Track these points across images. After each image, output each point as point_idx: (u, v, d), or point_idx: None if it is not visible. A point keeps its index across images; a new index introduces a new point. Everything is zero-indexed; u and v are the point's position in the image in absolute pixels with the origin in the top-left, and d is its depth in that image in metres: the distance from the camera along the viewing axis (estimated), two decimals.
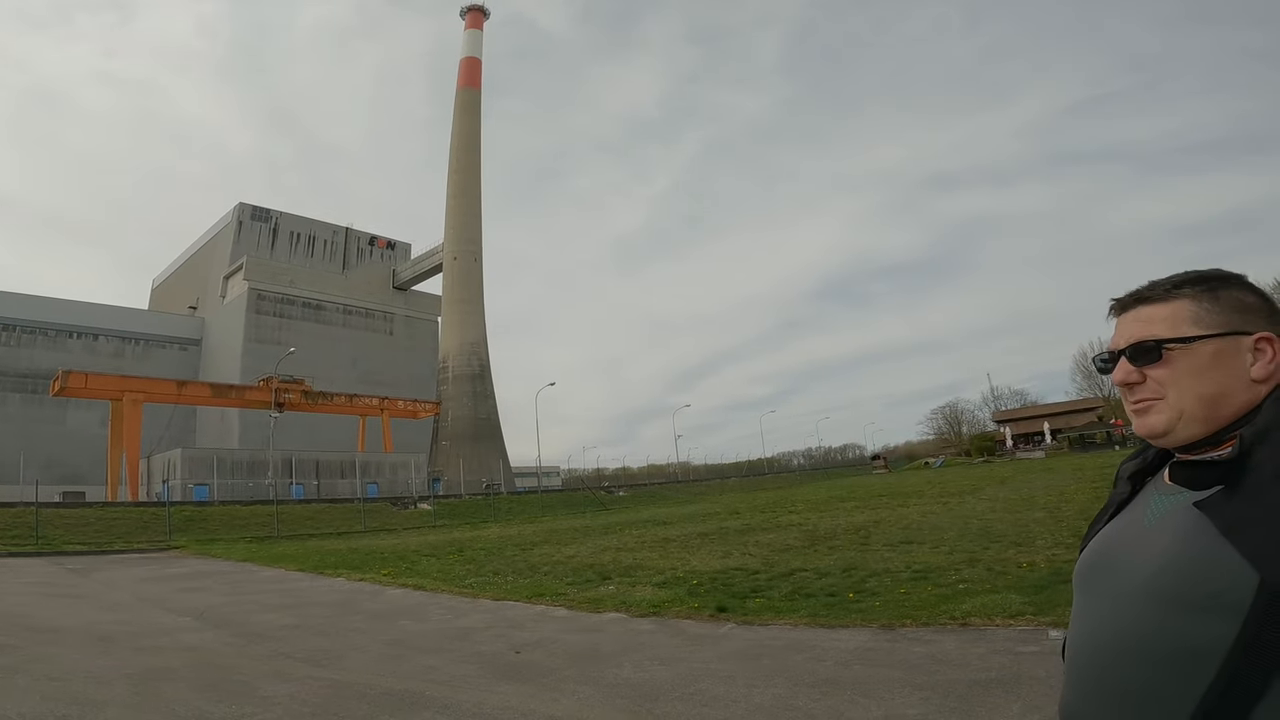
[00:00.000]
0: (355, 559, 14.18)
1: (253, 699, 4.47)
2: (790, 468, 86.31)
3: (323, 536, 23.04)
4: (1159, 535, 0.95)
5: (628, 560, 11.22)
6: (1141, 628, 0.91)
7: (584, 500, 39.90)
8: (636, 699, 4.21)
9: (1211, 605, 0.85)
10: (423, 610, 7.94)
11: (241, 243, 65.12)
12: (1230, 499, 0.88)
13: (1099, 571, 1.01)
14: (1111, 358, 1.04)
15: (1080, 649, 0.99)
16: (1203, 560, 0.87)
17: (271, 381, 42.28)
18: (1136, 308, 1.03)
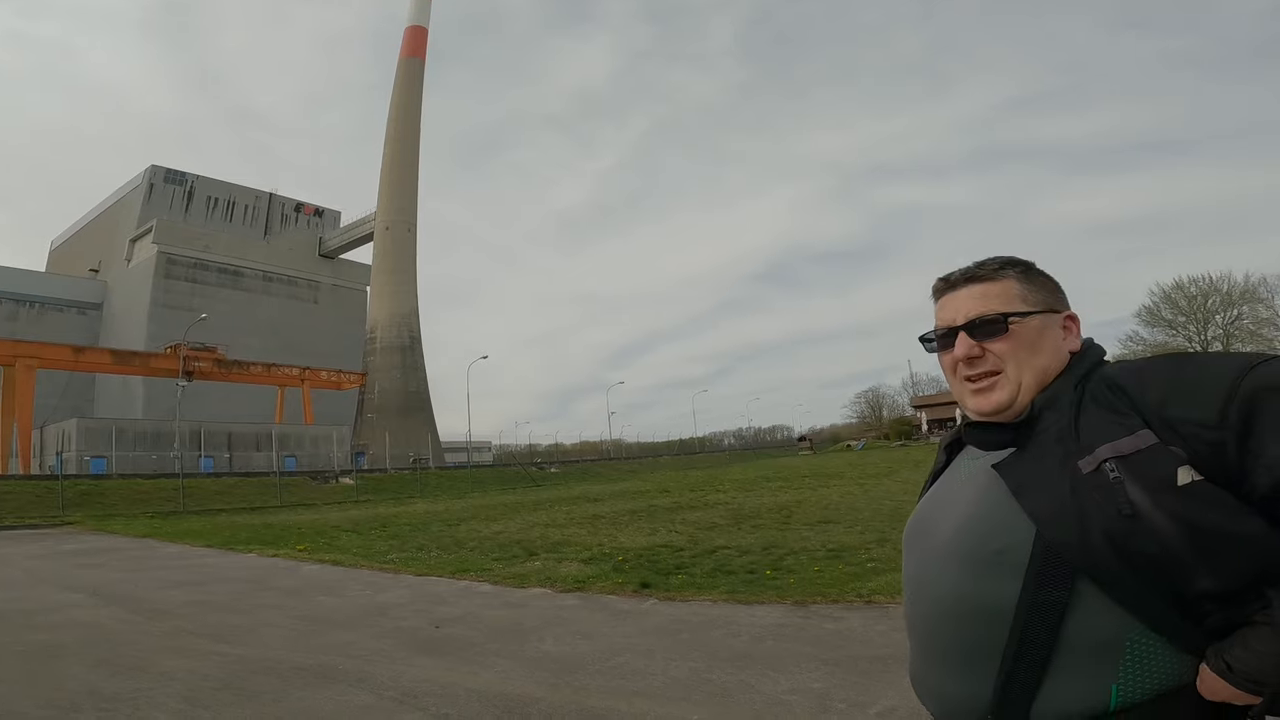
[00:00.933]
0: (269, 535, 13.71)
1: (150, 674, 4.29)
2: (721, 447, 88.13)
3: (234, 512, 22.13)
4: (962, 497, 1.00)
5: (556, 536, 11.24)
6: (949, 588, 0.94)
7: (515, 476, 39.62)
8: (557, 671, 4.24)
9: (999, 563, 0.89)
10: (341, 586, 7.74)
11: (152, 205, 61.59)
12: (1021, 460, 0.94)
13: (917, 536, 1.05)
14: (948, 334, 1.04)
15: (910, 612, 1.04)
16: (993, 519, 0.92)
17: (180, 349, 39.92)
18: (969, 285, 1.04)
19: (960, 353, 1.01)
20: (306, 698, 3.86)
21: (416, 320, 59.67)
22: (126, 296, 60.93)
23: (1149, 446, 0.83)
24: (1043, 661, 0.85)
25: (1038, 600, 0.85)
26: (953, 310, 1.04)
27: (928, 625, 0.98)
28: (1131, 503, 0.81)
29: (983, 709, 0.90)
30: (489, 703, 3.72)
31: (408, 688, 4.02)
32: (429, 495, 29.15)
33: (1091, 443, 0.87)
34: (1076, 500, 0.85)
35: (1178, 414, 0.83)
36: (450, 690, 3.95)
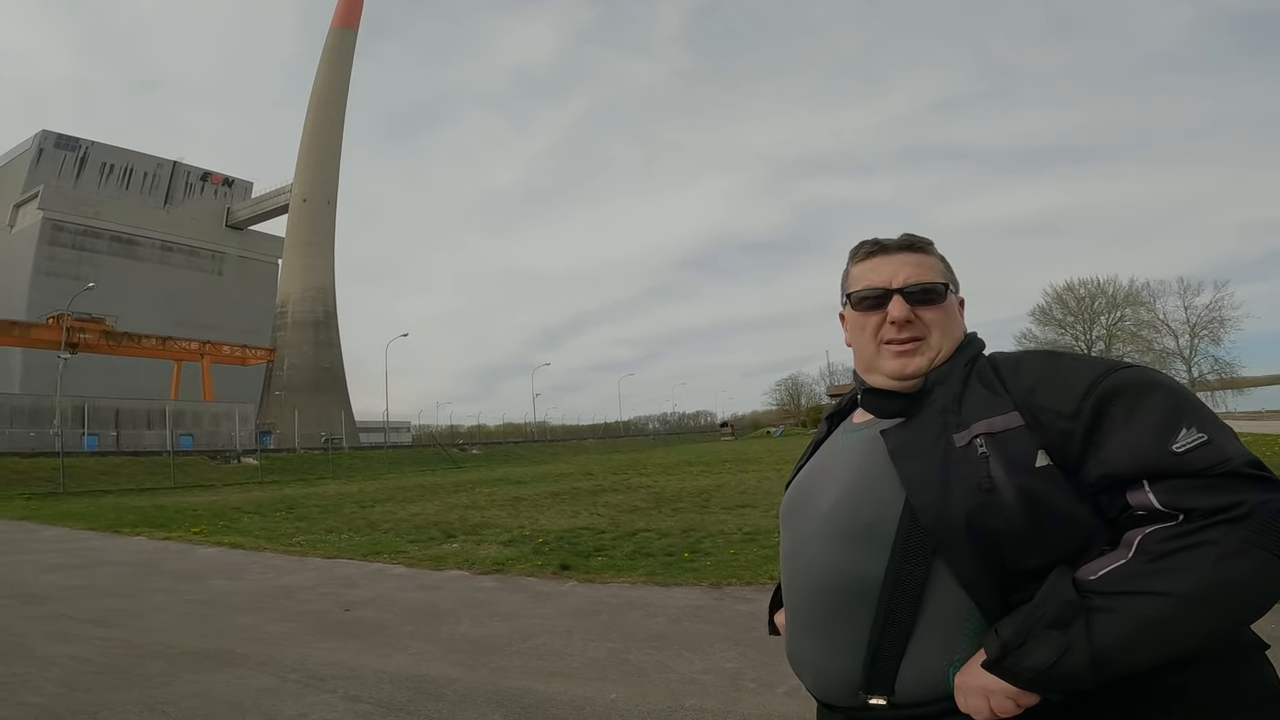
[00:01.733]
0: (161, 517, 12.88)
1: (28, 660, 4.01)
2: (646, 431, 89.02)
3: (121, 493, 20.67)
4: (840, 468, 1.03)
5: (476, 518, 11.07)
6: (825, 562, 0.96)
7: (435, 457, 38.72)
8: (473, 653, 4.17)
9: (870, 535, 0.91)
10: (241, 569, 7.35)
11: (40, 170, 57.02)
12: (905, 428, 0.97)
13: (794, 510, 1.06)
14: (882, 295, 1.04)
15: (786, 587, 1.05)
16: (869, 491, 0.94)
17: (64, 319, 36.63)
18: (904, 253, 1.06)
19: (899, 314, 1.02)
20: (200, 681, 3.67)
21: (332, 295, 57.40)
22: (6, 263, 55.89)
23: (1016, 427, 0.88)
24: (905, 634, 0.88)
25: (901, 573, 0.88)
26: (888, 273, 1.04)
27: (804, 599, 0.99)
28: (991, 477, 0.86)
29: (855, 682, 0.92)
30: (402, 684, 3.63)
31: (314, 671, 3.87)
32: (341, 476, 28.06)
33: (969, 418, 0.91)
34: (945, 469, 0.89)
35: (1042, 402, 0.88)
36: (360, 673, 3.83)
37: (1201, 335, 51.07)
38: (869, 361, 1.06)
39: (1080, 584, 0.81)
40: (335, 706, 3.32)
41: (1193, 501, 0.79)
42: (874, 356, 1.05)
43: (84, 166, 59.63)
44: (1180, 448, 0.81)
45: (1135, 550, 0.80)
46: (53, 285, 50.69)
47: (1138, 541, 0.80)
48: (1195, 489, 0.79)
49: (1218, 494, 0.78)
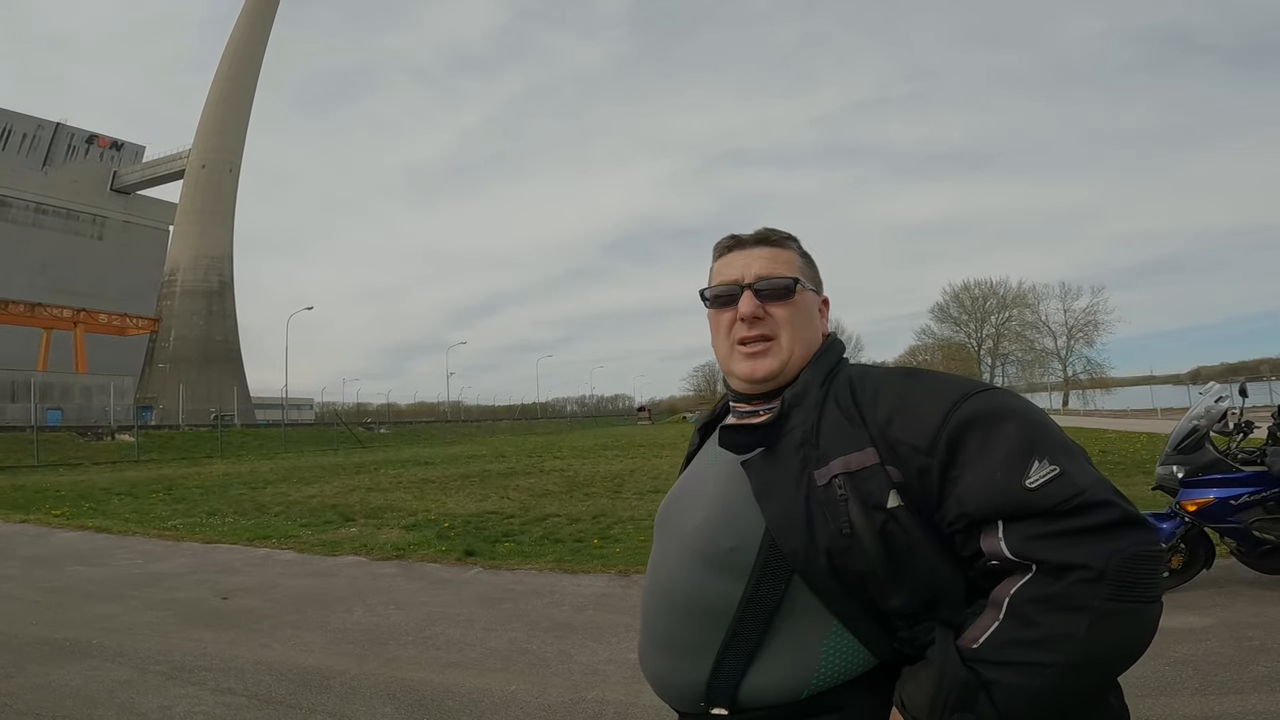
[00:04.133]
0: (19, 498, 11.73)
1: None
2: (563, 414, 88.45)
3: None
4: (706, 490, 0.98)
5: (378, 501, 10.63)
6: (681, 580, 0.93)
7: (338, 436, 36.97)
8: (365, 643, 3.95)
9: (729, 562, 0.89)
10: (104, 555, 6.71)
11: None
12: (767, 462, 0.92)
13: (663, 524, 1.02)
14: (732, 292, 1.00)
15: (646, 593, 1.01)
16: (731, 517, 0.92)
17: None
18: (759, 247, 1.02)
19: (746, 310, 0.98)
20: (48, 673, 3.34)
21: (230, 264, 54.23)
22: None
23: (870, 465, 0.85)
24: (752, 652, 0.88)
25: (756, 595, 0.87)
26: (740, 268, 1.01)
27: (659, 611, 0.97)
28: (850, 521, 0.83)
29: (698, 694, 0.91)
30: (282, 676, 3.40)
31: (180, 662, 3.57)
32: (231, 455, 26.31)
33: (828, 453, 0.88)
34: (808, 511, 0.86)
35: (898, 434, 0.85)
36: (235, 663, 3.56)
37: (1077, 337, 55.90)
38: (725, 363, 1.03)
39: (965, 653, 0.79)
40: (203, 699, 3.06)
41: (1043, 553, 0.77)
42: (728, 357, 1.02)
43: None
44: (1033, 482, 0.78)
45: (1005, 612, 0.78)
46: None
47: (1006, 602, 0.78)
48: (1047, 536, 0.77)
49: (1067, 547, 0.76)
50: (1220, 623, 3.77)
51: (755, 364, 0.98)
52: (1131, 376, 60.58)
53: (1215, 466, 4.19)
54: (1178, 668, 3.16)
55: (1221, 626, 3.71)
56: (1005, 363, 59.38)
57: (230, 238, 54.91)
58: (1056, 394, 54.94)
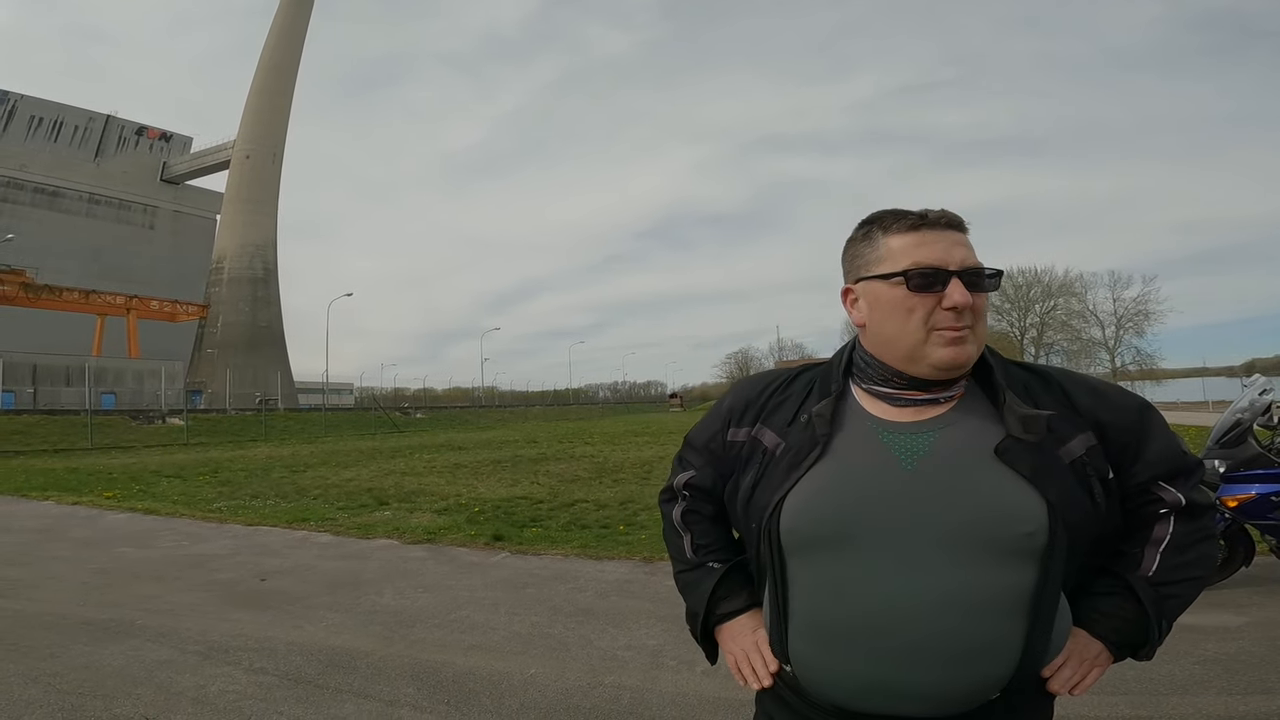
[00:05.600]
0: (73, 480, 12.25)
1: None
2: (595, 400, 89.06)
3: (34, 454, 19.55)
4: (944, 480, 0.93)
5: (411, 485, 10.86)
6: (963, 580, 0.89)
7: (376, 421, 37.89)
8: (392, 625, 4.07)
9: (1025, 547, 0.90)
10: (151, 536, 7.00)
11: None
12: (1025, 447, 0.92)
13: (863, 526, 0.93)
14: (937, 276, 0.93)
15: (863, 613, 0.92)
16: (1017, 502, 0.91)
17: None
18: (953, 231, 0.96)
19: (960, 300, 0.92)
20: (91, 653, 3.49)
21: (273, 252, 55.82)
22: None
23: (1094, 445, 0.97)
24: (1047, 632, 0.94)
25: (1050, 576, 0.92)
26: (942, 251, 0.94)
27: (931, 627, 0.90)
28: (1093, 493, 0.95)
29: (995, 688, 0.94)
30: (313, 656, 3.52)
31: (218, 642, 3.72)
32: (274, 439, 27.19)
33: (1064, 436, 0.96)
34: (1075, 487, 0.94)
35: (1107, 418, 0.99)
36: (269, 644, 3.70)
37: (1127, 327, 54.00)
38: (911, 349, 0.95)
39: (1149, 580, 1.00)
40: (237, 679, 3.19)
41: (1198, 497, 1.00)
42: (919, 344, 0.95)
43: (11, 119, 56.99)
44: (1184, 450, 1.02)
45: (1169, 544, 1.00)
46: None
47: (1169, 537, 1.00)
48: (1194, 487, 1.01)
49: (1202, 494, 1.01)
50: (1255, 621, 3.65)
51: (960, 350, 0.93)
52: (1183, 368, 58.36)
53: (1257, 461, 4.03)
54: (1206, 666, 3.07)
55: (1256, 625, 3.59)
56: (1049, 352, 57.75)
57: (274, 226, 56.41)
58: None
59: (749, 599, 1.09)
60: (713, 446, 1.14)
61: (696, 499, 1.17)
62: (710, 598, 1.10)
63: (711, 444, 1.14)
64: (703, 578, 1.14)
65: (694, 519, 1.18)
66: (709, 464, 1.15)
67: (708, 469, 1.15)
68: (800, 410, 1.03)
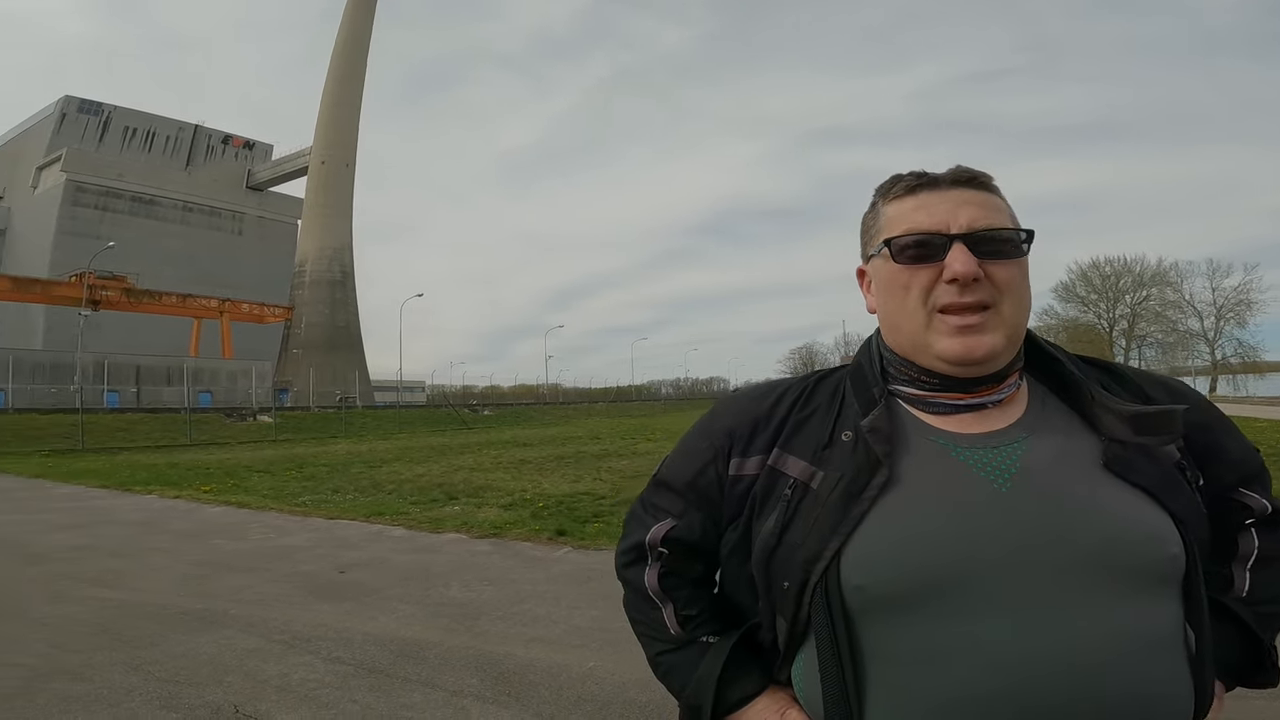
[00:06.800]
0: (173, 474, 13.13)
1: (21, 620, 4.11)
2: (658, 396, 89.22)
3: (138, 450, 21.02)
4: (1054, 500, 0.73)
5: (479, 481, 11.20)
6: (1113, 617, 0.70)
7: (446, 418, 39.13)
8: (459, 617, 4.24)
9: (1170, 571, 0.73)
10: (242, 529, 7.49)
11: (63, 134, 58.56)
12: (1134, 453, 0.76)
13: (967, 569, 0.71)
14: (934, 242, 0.77)
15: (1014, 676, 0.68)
16: (1153, 521, 0.74)
17: (86, 276, 37.33)
18: (964, 189, 0.79)
19: (963, 269, 0.74)
20: (186, 641, 3.76)
21: (350, 255, 58.30)
22: (30, 223, 57.62)
23: (1182, 446, 0.82)
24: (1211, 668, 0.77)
25: (1196, 594, 0.75)
26: (944, 213, 0.77)
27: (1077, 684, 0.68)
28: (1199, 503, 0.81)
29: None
30: (385, 646, 3.70)
31: (300, 632, 3.95)
32: (353, 435, 28.44)
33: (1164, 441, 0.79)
34: (1191, 499, 0.79)
35: (1189, 416, 0.81)
36: (346, 634, 3.90)
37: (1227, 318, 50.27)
38: (914, 337, 0.78)
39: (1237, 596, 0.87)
40: (316, 667, 3.39)
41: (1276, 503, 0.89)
42: (922, 329, 0.77)
43: (107, 130, 61.03)
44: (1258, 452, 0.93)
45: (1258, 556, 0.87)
46: (75, 244, 51.81)
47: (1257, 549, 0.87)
48: (1265, 488, 0.90)
49: None
50: None
51: (973, 340, 0.75)
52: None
53: None
54: None
55: None
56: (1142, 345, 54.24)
57: (349, 229, 58.62)
58: (1203, 378, 49.59)
59: (762, 677, 0.85)
60: (701, 485, 0.88)
61: (678, 557, 0.90)
62: (718, 682, 0.84)
63: (699, 481, 0.88)
64: (697, 657, 0.88)
65: (675, 584, 0.90)
66: (694, 509, 0.88)
67: (693, 515, 0.88)
68: (837, 427, 0.81)
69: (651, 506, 0.93)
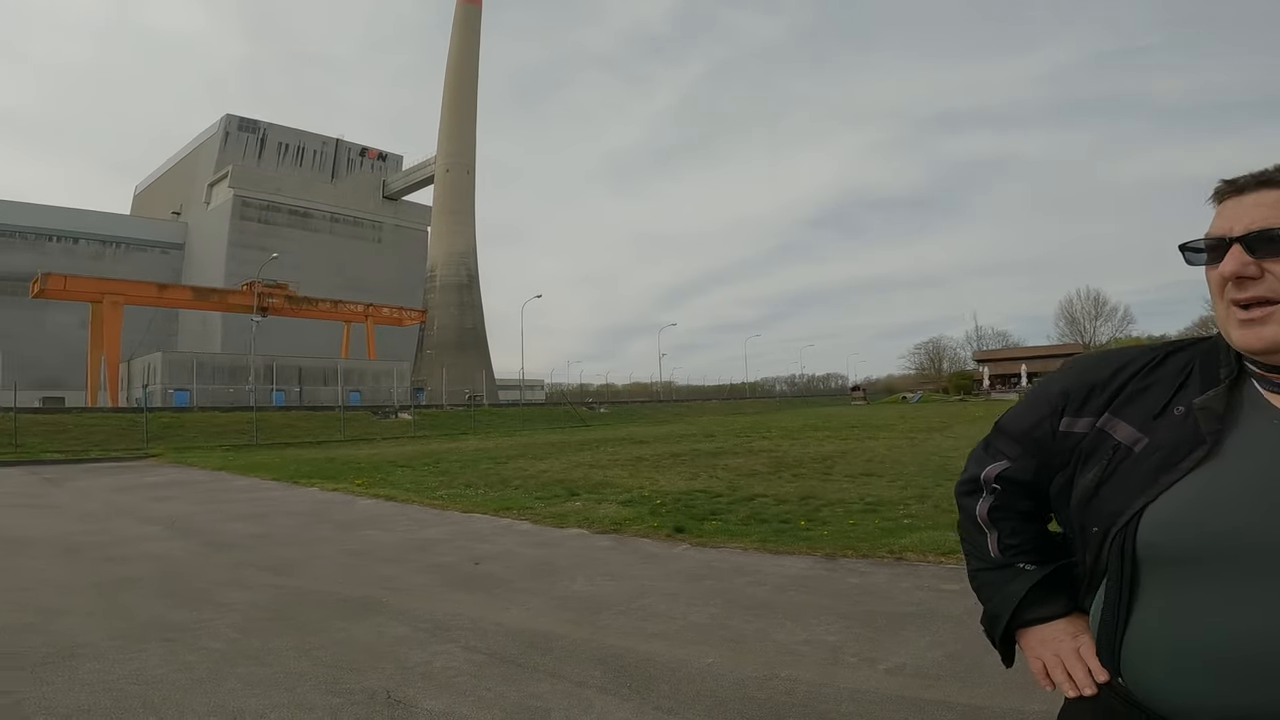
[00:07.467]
0: (331, 469, 14.31)
1: (210, 605, 4.59)
2: (772, 393, 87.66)
3: (301, 445, 23.11)
4: None
5: (598, 477, 11.48)
6: None
7: (565, 415, 40.37)
8: (582, 611, 4.40)
9: None
10: (390, 521, 8.14)
11: (228, 152, 65.17)
12: None
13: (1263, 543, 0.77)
14: (1219, 245, 0.85)
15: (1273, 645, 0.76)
16: None
17: (255, 285, 41.82)
18: (1259, 190, 0.85)
19: (1230, 268, 0.83)
20: (347, 628, 4.12)
21: (474, 258, 61.19)
22: (206, 237, 64.64)
23: None
24: None
25: None
26: (1231, 218, 0.85)
27: None
28: None
29: None
30: (515, 637, 3.92)
31: (441, 621, 4.24)
32: (480, 432, 29.91)
33: None
34: None
35: None
36: (480, 625, 4.16)
37: None
38: (1221, 326, 0.88)
39: None
40: (455, 656, 3.65)
41: None
42: (1224, 321, 0.86)
43: (263, 146, 67.52)
44: None
45: None
46: (243, 256, 57.93)
47: None
48: None
49: None
50: None
51: (1250, 332, 0.83)
52: None
53: None
54: None
55: None
56: None
57: (473, 234, 61.56)
58: None
59: (1068, 604, 1.00)
60: (1036, 435, 1.02)
61: (1008, 493, 1.06)
62: (1021, 601, 1.01)
63: (1035, 433, 1.02)
64: (1010, 579, 1.04)
65: (1002, 515, 1.07)
66: (1029, 455, 1.03)
67: (1027, 460, 1.03)
68: (1174, 401, 0.90)
69: (992, 448, 1.10)
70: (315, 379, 41.48)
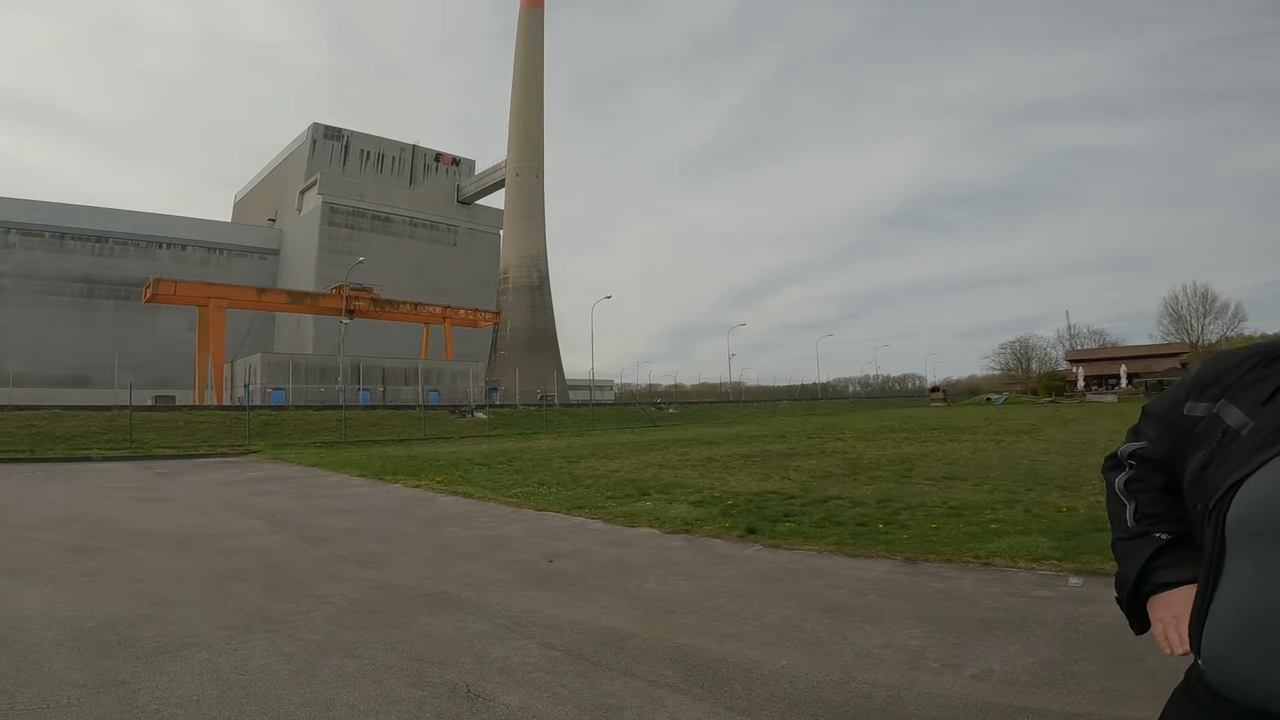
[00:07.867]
0: (413, 466, 14.85)
1: (308, 597, 4.85)
2: (845, 394, 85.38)
3: (385, 443, 24.13)
4: None
5: (668, 477, 11.49)
6: None
7: (634, 415, 40.61)
8: (655, 610, 4.42)
9: None
10: (469, 518, 8.40)
11: (315, 160, 68.83)
12: None
13: None
14: None
15: None
16: None
17: (343, 289, 44.08)
18: None
19: None
20: (430, 622, 4.27)
21: (545, 261, 62.28)
22: (298, 242, 68.55)
23: None
24: None
25: None
26: None
27: None
28: None
29: None
30: (588, 635, 3.97)
31: (518, 617, 4.35)
32: (553, 431, 30.48)
33: None
34: None
35: None
36: (555, 621, 4.24)
37: None
38: None
39: None
40: (531, 651, 3.73)
41: None
42: None
43: (347, 154, 71.02)
44: None
45: None
46: (331, 260, 61.24)
47: None
48: None
49: None
50: None
51: None
52: None
53: None
54: None
55: None
56: None
57: (543, 236, 62.59)
58: None
59: (1190, 572, 1.04)
60: (1170, 418, 1.12)
61: (1143, 469, 1.17)
62: (1145, 567, 1.09)
63: (1169, 416, 1.13)
64: (1141, 547, 1.12)
65: (1139, 488, 1.16)
66: (1164, 436, 1.13)
67: (1162, 441, 1.14)
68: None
69: (1135, 429, 1.22)
70: (397, 379, 43.29)
